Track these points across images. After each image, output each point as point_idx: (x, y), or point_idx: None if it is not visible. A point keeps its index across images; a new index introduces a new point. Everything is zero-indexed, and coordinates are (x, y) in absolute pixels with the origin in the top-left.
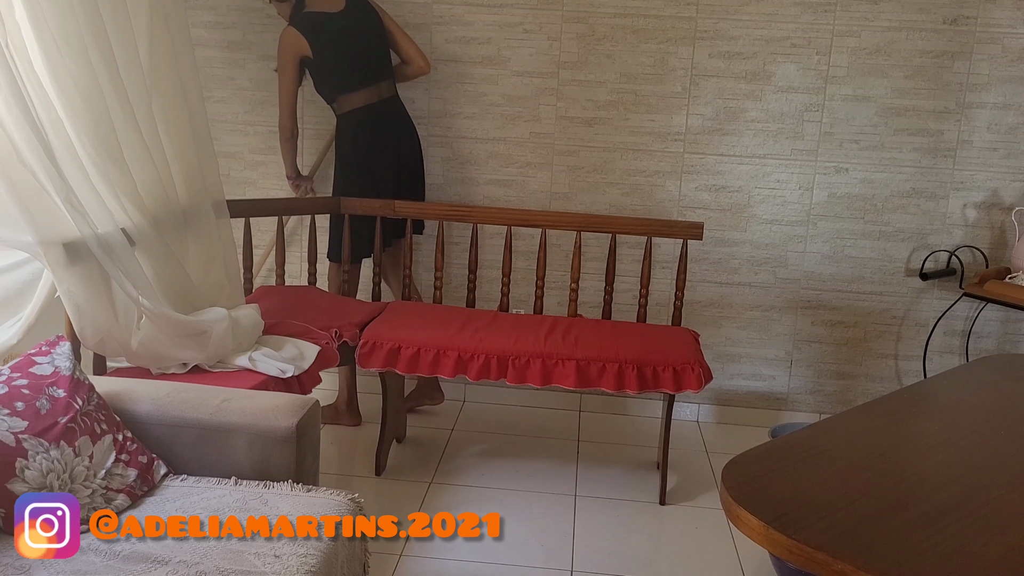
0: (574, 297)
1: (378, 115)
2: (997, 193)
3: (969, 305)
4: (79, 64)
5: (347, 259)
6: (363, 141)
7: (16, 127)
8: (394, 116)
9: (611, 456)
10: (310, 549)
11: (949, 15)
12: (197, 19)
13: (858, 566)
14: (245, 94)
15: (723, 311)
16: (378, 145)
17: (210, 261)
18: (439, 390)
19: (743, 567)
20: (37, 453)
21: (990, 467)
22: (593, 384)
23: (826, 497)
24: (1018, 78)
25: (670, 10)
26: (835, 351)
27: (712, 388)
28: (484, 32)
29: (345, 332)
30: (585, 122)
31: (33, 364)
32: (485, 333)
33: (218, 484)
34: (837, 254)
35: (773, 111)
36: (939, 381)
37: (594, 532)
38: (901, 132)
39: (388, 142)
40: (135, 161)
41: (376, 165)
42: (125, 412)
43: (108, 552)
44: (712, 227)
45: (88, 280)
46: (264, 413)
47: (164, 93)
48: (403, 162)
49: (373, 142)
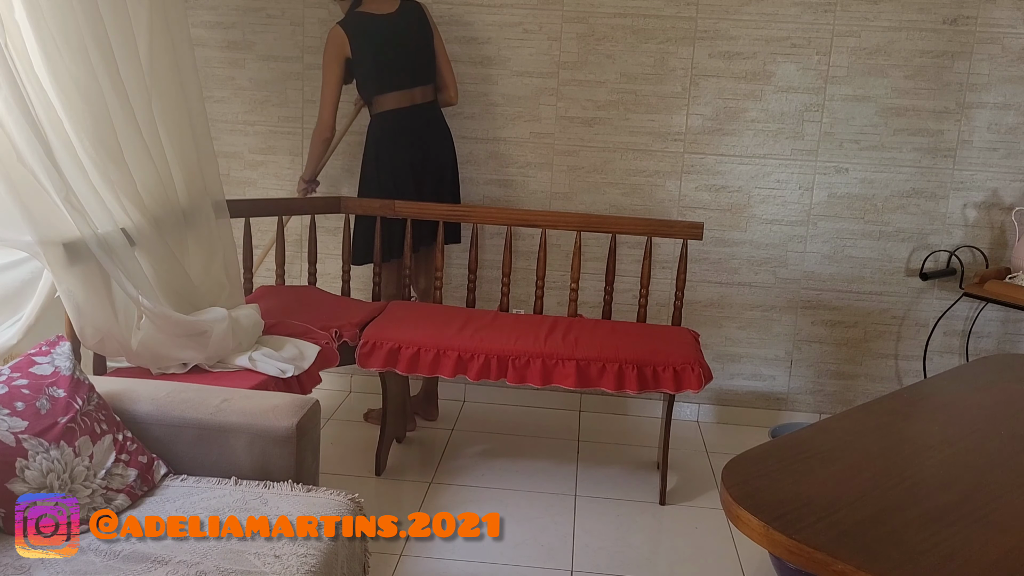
0: (574, 297)
1: (408, 119)
2: (997, 193)
3: (969, 305)
4: (79, 64)
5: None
6: (388, 143)
7: (16, 127)
8: (425, 122)
9: (611, 456)
10: (310, 549)
11: (949, 15)
12: (197, 19)
13: (858, 566)
14: (245, 94)
15: (723, 311)
16: (402, 148)
17: (210, 261)
18: (435, 406)
19: (743, 567)
20: (37, 453)
21: (990, 467)
22: (593, 384)
23: (826, 497)
24: (1018, 78)
25: (670, 10)
26: (835, 351)
27: (712, 388)
28: (484, 32)
29: (345, 332)
30: (585, 122)
31: (33, 364)
32: (485, 333)
33: (218, 484)
34: (837, 254)
35: (773, 111)
36: (939, 381)
37: (594, 532)
38: (901, 132)
39: (413, 146)
40: (135, 161)
41: (399, 168)
42: (125, 412)
43: (108, 552)
44: (712, 227)
45: (88, 280)
46: (264, 413)
47: (164, 93)
48: (428, 168)
49: (397, 145)
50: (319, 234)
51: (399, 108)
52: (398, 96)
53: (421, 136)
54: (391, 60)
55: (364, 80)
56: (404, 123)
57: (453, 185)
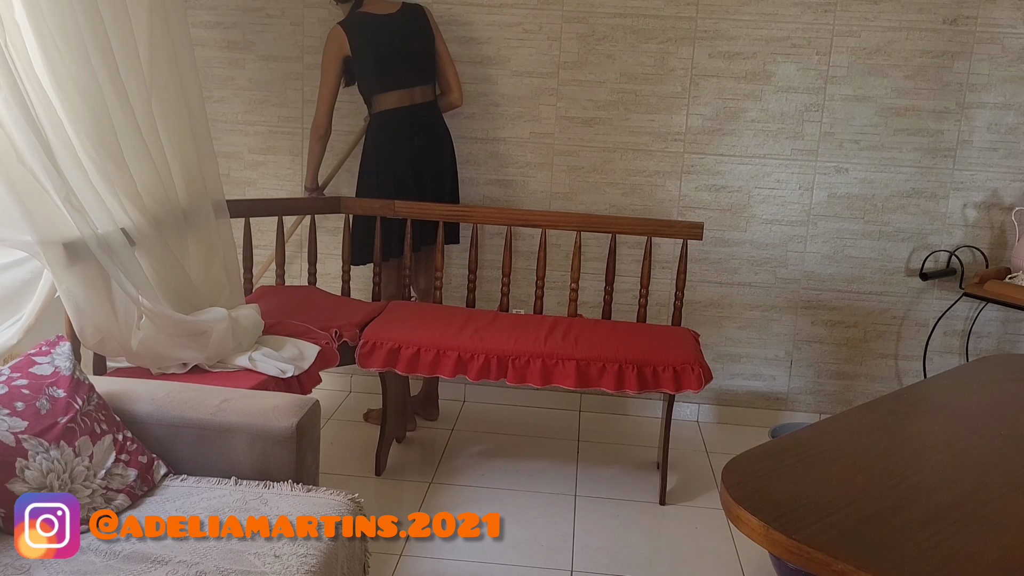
0: (574, 297)
1: (406, 119)
2: (997, 193)
3: (969, 305)
4: (79, 64)
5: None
6: (385, 142)
7: (16, 127)
8: (423, 122)
9: (611, 456)
10: (310, 549)
11: (949, 15)
12: (197, 19)
13: (858, 566)
14: (245, 94)
15: (723, 311)
16: (400, 148)
17: (210, 261)
18: (435, 406)
19: (743, 567)
20: (37, 453)
21: (990, 467)
22: (593, 384)
23: (826, 497)
24: (1018, 78)
25: (670, 10)
26: (835, 351)
27: (712, 388)
28: (484, 32)
29: (345, 332)
30: (585, 122)
31: (33, 364)
32: (485, 333)
33: (218, 484)
34: (837, 254)
35: (773, 111)
36: (939, 381)
37: (594, 532)
38: (901, 132)
39: (411, 146)
40: (135, 161)
41: (398, 168)
42: (125, 412)
43: (108, 552)
44: (712, 227)
45: (88, 280)
46: (264, 413)
47: (164, 93)
48: (427, 168)
49: (395, 145)
50: (319, 234)
51: (399, 107)
52: (398, 95)
53: (420, 136)
54: (390, 59)
55: (363, 78)
56: (403, 122)
57: (452, 185)
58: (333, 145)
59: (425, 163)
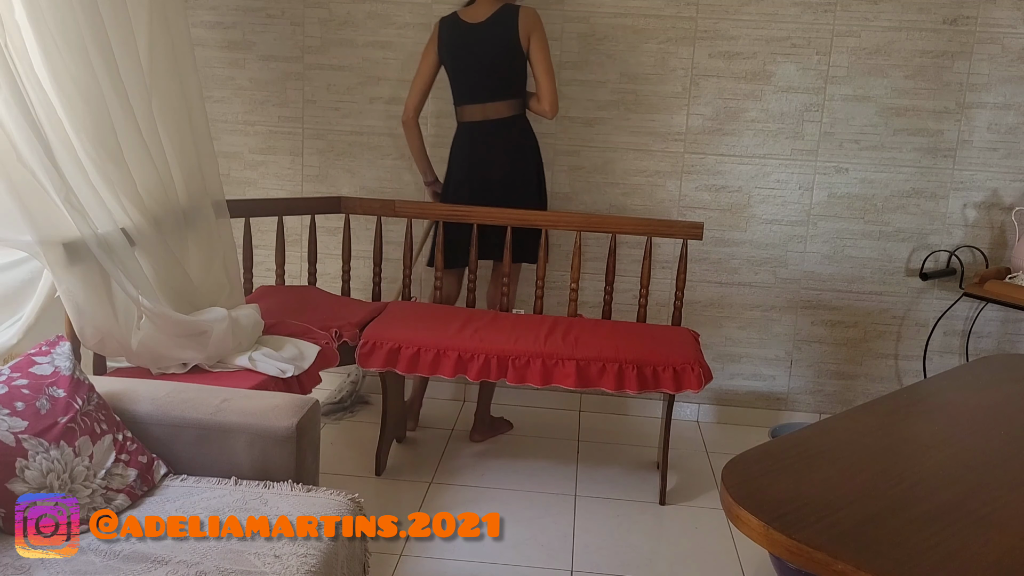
0: (574, 297)
1: (476, 134)
2: (997, 193)
3: (969, 305)
4: (79, 64)
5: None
6: (457, 155)
7: (16, 127)
8: (490, 140)
9: (611, 456)
10: (310, 549)
11: (949, 15)
12: (197, 19)
13: (858, 566)
14: (245, 94)
15: (723, 311)
16: (467, 163)
17: (210, 261)
18: (415, 418)
19: (743, 567)
20: (37, 453)
21: (990, 467)
22: (593, 384)
23: (826, 497)
24: (1018, 78)
25: (670, 10)
26: (835, 351)
27: (712, 388)
28: None
29: (345, 332)
30: (585, 122)
31: (33, 364)
32: (485, 333)
33: (218, 484)
34: (837, 254)
35: (773, 111)
36: (939, 381)
37: (594, 532)
38: (901, 132)
39: (474, 163)
40: (135, 161)
41: (464, 182)
42: (125, 412)
43: (108, 552)
44: (712, 227)
45: (88, 280)
46: (264, 413)
47: (164, 93)
48: (487, 187)
49: (462, 159)
50: (319, 234)
51: (472, 122)
52: (471, 110)
53: (486, 154)
54: (464, 73)
55: (451, 86)
56: (474, 138)
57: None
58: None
59: (484, 182)
